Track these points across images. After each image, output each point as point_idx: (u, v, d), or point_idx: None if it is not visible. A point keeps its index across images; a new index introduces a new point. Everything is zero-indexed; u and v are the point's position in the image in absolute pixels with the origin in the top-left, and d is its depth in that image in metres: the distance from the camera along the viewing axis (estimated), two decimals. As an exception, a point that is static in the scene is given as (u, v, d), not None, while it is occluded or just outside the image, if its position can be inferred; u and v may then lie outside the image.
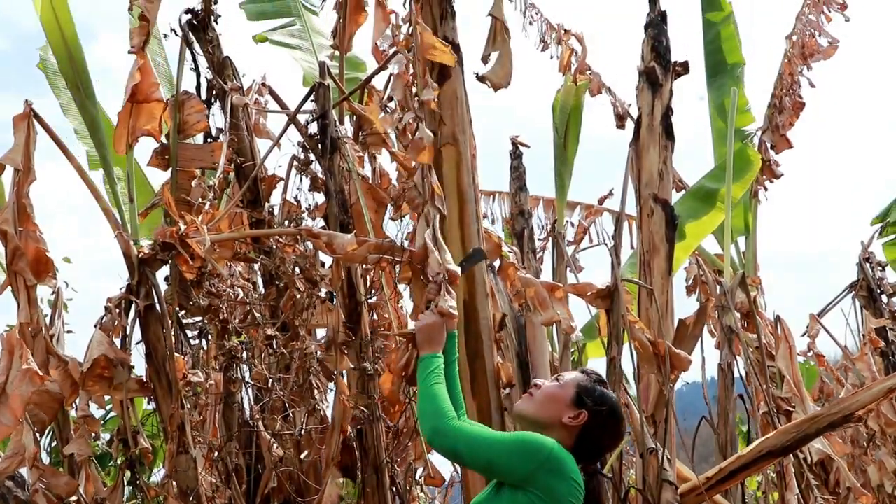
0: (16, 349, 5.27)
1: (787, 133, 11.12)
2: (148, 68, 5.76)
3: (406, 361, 4.56)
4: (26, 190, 5.53)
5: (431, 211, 5.03)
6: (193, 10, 6.40)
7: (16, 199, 5.48)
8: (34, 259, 5.49)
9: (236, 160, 6.28)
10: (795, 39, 11.44)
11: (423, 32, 5.26)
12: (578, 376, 4.05)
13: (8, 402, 5.17)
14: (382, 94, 7.10)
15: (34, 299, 5.56)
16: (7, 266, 5.52)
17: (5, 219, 5.45)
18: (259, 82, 6.81)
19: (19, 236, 5.45)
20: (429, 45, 5.31)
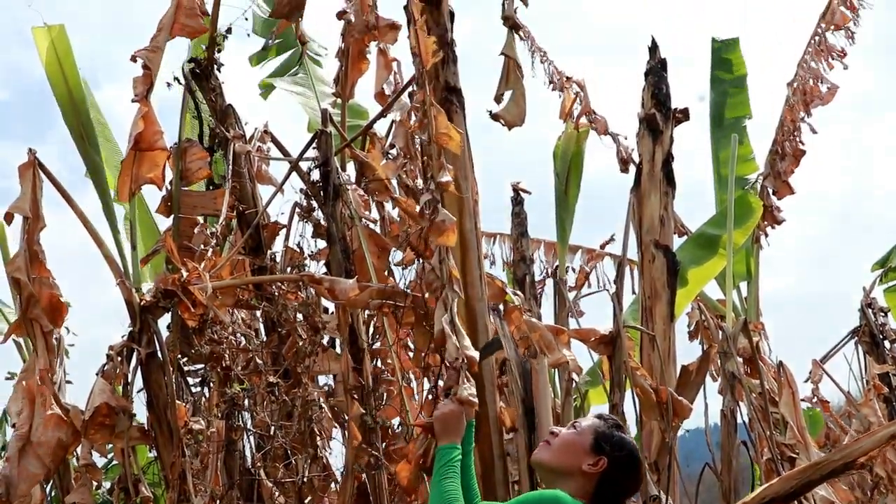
0: (37, 396, 5.29)
1: (788, 179, 11.17)
2: (151, 117, 5.79)
3: (424, 451, 4.47)
4: (37, 237, 5.56)
5: (450, 295, 4.96)
6: (196, 59, 6.44)
7: (27, 247, 5.50)
8: (48, 305, 5.51)
9: (238, 207, 6.30)
10: (797, 86, 11.50)
11: (437, 115, 5.24)
12: (596, 422, 4.01)
13: (33, 450, 5.18)
14: (384, 140, 7.16)
15: (52, 345, 5.57)
16: (22, 313, 5.53)
17: (18, 267, 5.47)
18: (261, 129, 6.84)
19: (33, 283, 5.47)
20: (442, 132, 5.27)
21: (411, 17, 5.14)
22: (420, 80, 5.26)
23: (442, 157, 5.21)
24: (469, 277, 5.63)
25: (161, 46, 5.89)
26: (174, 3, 5.96)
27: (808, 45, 11.64)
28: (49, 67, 6.42)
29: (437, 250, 5.11)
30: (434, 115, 5.19)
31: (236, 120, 6.48)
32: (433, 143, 5.19)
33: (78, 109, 6.46)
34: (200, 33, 6.26)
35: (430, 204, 5.11)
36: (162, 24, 5.92)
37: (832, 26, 11.57)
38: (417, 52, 5.16)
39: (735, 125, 10.94)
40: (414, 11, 5.10)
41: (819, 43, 11.61)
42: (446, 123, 5.24)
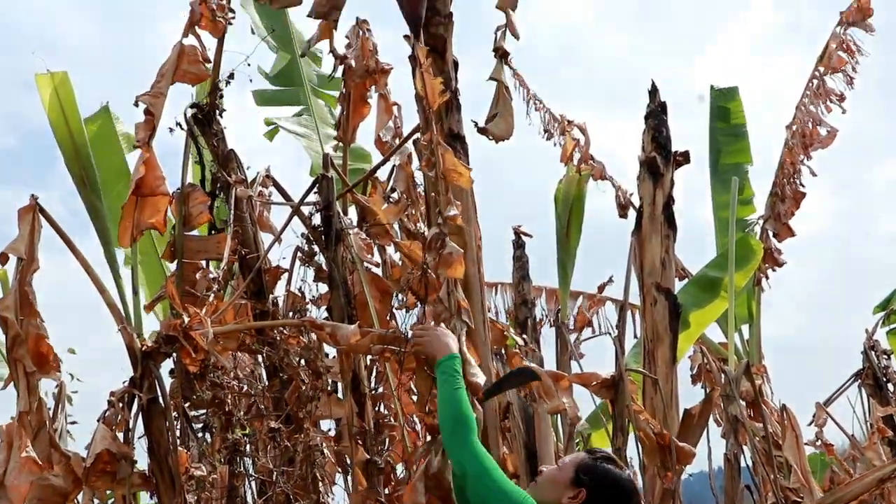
0: (15, 439, 5.24)
1: (788, 222, 11.19)
2: (153, 162, 5.80)
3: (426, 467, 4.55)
4: (29, 278, 5.53)
5: (458, 325, 5.02)
6: (198, 104, 6.46)
7: (18, 287, 5.49)
8: (34, 347, 5.47)
9: (240, 251, 6.30)
10: (796, 129, 11.55)
11: (444, 153, 5.27)
12: (580, 456, 4.15)
13: (6, 495, 5.13)
14: (385, 185, 7.17)
15: (34, 387, 5.52)
16: (7, 354, 5.51)
17: (6, 306, 5.44)
18: (263, 174, 6.85)
19: (20, 324, 5.44)
20: (451, 168, 5.31)
21: (417, 61, 5.16)
22: (427, 120, 5.27)
23: (450, 193, 5.23)
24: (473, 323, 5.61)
25: (163, 92, 5.91)
26: (177, 49, 5.98)
27: (806, 88, 11.69)
28: (52, 114, 6.47)
29: (445, 282, 5.14)
30: (441, 154, 5.21)
31: (238, 165, 6.48)
32: (441, 180, 5.21)
33: (80, 155, 6.51)
34: (203, 79, 6.28)
35: (439, 238, 5.14)
36: (164, 70, 5.94)
37: (830, 70, 11.62)
38: (424, 93, 5.17)
39: (735, 171, 10.98)
40: (419, 55, 5.12)
41: (817, 87, 11.66)
42: (454, 160, 5.26)
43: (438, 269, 5.16)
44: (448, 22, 5.54)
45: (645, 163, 7.22)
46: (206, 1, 6.01)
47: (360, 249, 6.37)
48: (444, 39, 5.50)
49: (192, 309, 5.28)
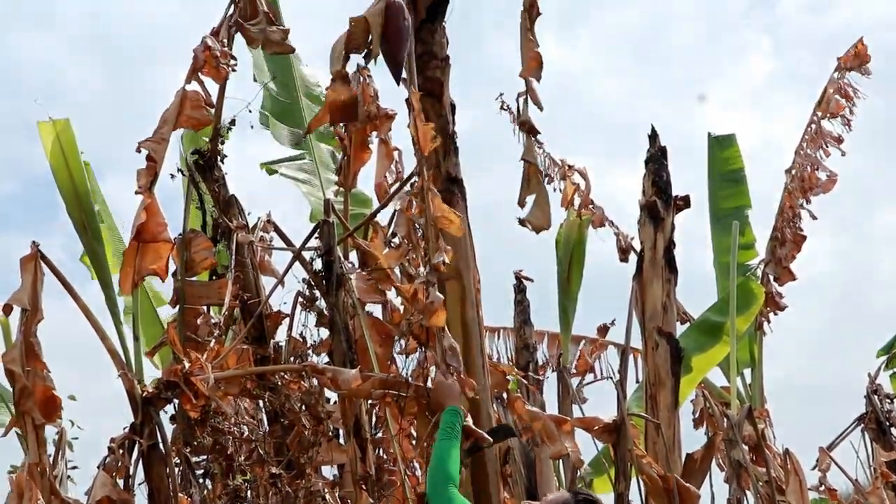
0: (25, 490, 5.23)
1: (789, 265, 11.18)
2: (155, 208, 5.82)
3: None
4: (34, 329, 5.54)
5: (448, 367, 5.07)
6: (200, 151, 6.49)
7: (23, 339, 5.49)
8: (42, 399, 5.47)
9: (242, 296, 6.30)
10: (795, 174, 11.56)
11: (434, 199, 5.28)
12: (562, 495, 4.20)
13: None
14: (386, 230, 7.17)
15: (42, 439, 5.52)
16: (15, 406, 5.49)
17: (13, 358, 5.44)
18: (264, 219, 6.86)
19: (27, 376, 5.44)
20: (440, 215, 5.33)
21: (411, 107, 5.19)
22: (419, 166, 5.29)
23: (440, 240, 5.24)
24: (472, 366, 5.60)
25: (166, 138, 5.93)
26: (179, 95, 6.01)
27: (804, 133, 11.73)
28: (54, 161, 6.47)
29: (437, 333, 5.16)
30: (431, 199, 5.22)
31: (239, 210, 6.50)
32: (431, 227, 5.22)
33: (82, 202, 6.50)
34: (205, 125, 6.32)
35: (426, 286, 5.15)
36: (167, 115, 5.97)
37: (828, 114, 11.66)
38: (416, 140, 5.20)
39: (736, 215, 11.00)
40: (413, 101, 5.15)
41: (816, 131, 11.70)
42: (444, 207, 5.28)
43: (422, 319, 5.17)
44: (445, 65, 5.54)
45: (645, 207, 7.23)
46: (208, 48, 6.06)
47: (361, 294, 6.37)
48: (441, 83, 5.52)
49: (194, 354, 5.28)
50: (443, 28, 5.50)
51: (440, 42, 5.49)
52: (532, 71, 5.38)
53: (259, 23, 6.33)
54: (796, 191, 11.51)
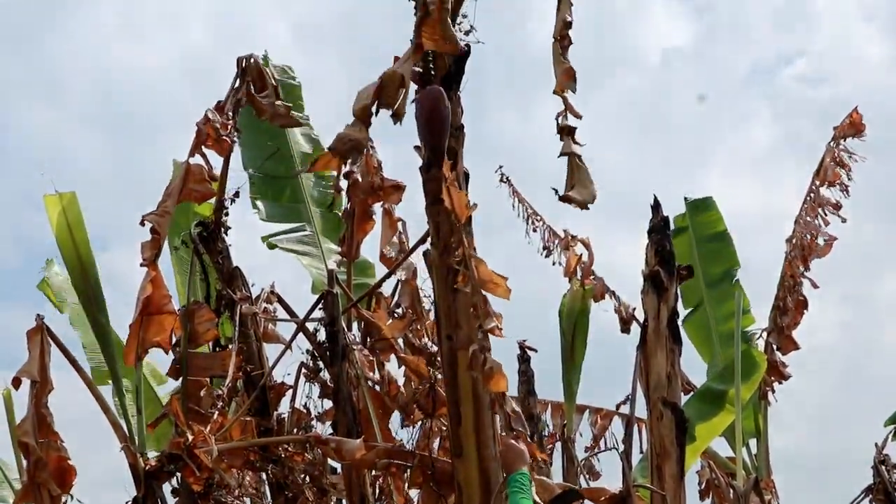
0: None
1: (791, 334, 11.13)
2: (159, 280, 5.82)
3: None
4: (44, 400, 5.53)
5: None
6: (204, 222, 6.49)
7: (35, 411, 5.47)
8: (57, 469, 5.45)
9: (245, 368, 6.26)
10: (795, 242, 11.56)
11: (479, 265, 5.15)
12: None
13: None
14: (390, 300, 7.15)
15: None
16: (30, 478, 5.44)
17: (25, 431, 5.42)
18: (268, 290, 6.85)
19: (41, 447, 5.41)
20: (487, 280, 5.21)
21: (442, 177, 5.06)
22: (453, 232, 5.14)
23: (488, 305, 5.12)
24: (482, 436, 5.50)
25: (170, 211, 5.95)
26: (183, 168, 6.03)
27: (804, 201, 11.74)
28: (59, 234, 6.48)
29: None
30: (476, 266, 5.10)
31: (243, 282, 6.49)
32: (478, 294, 5.08)
33: (87, 275, 6.50)
34: (209, 198, 6.33)
35: (481, 353, 5.04)
36: (171, 188, 5.99)
37: (826, 182, 11.70)
38: (451, 207, 5.06)
39: (726, 278, 10.96)
40: (445, 171, 5.04)
41: (814, 199, 11.72)
42: (489, 272, 5.14)
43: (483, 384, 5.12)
44: (459, 134, 5.41)
45: (649, 277, 7.19)
46: (210, 121, 6.09)
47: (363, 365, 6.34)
48: (456, 152, 5.39)
49: (197, 427, 5.23)
50: (458, 97, 5.44)
51: (455, 111, 5.41)
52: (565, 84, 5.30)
53: (268, 96, 6.39)
54: (796, 259, 11.49)
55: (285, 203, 8.60)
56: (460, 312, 5.22)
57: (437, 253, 5.17)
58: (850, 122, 11.72)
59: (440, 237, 5.13)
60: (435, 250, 5.16)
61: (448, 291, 5.17)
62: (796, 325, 11.12)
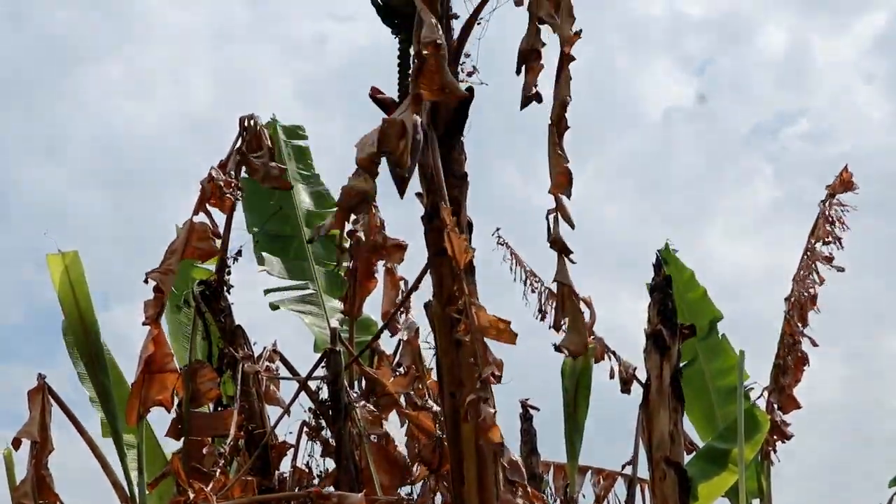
0: None
1: (793, 393, 11.06)
2: (161, 339, 5.79)
3: None
4: (44, 461, 5.48)
5: None
6: (207, 281, 6.47)
7: (34, 472, 5.42)
8: (56, 532, 5.39)
9: (247, 427, 6.21)
10: (794, 301, 11.54)
11: (479, 312, 5.04)
12: None
13: None
14: (392, 357, 7.13)
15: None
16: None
17: (25, 493, 5.38)
18: (270, 349, 6.82)
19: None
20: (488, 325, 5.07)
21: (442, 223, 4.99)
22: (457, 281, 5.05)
23: (489, 353, 4.97)
24: (486, 494, 5.43)
25: (173, 269, 5.93)
26: (187, 226, 6.02)
27: (801, 260, 11.75)
28: (62, 292, 6.47)
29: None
30: (476, 313, 4.98)
31: (245, 340, 6.47)
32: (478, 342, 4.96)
33: (88, 334, 6.49)
34: (212, 256, 6.32)
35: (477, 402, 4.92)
36: (174, 246, 5.98)
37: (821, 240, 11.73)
38: (452, 253, 4.98)
39: (713, 331, 10.90)
40: (445, 216, 4.99)
41: (810, 256, 11.74)
42: (490, 317, 5.02)
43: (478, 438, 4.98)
44: (462, 183, 5.33)
45: (651, 336, 7.17)
46: (214, 179, 6.09)
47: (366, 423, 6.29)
48: (459, 202, 5.31)
49: (198, 485, 5.17)
50: (461, 144, 5.38)
51: (458, 159, 5.34)
52: (561, 187, 5.05)
53: (262, 156, 6.39)
54: (795, 317, 11.47)
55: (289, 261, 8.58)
56: (463, 369, 5.14)
57: (439, 306, 5.07)
58: (840, 181, 11.80)
59: (443, 289, 5.05)
60: (437, 303, 5.08)
61: (451, 346, 5.08)
62: (797, 383, 11.04)
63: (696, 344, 10.74)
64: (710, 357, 10.69)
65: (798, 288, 11.57)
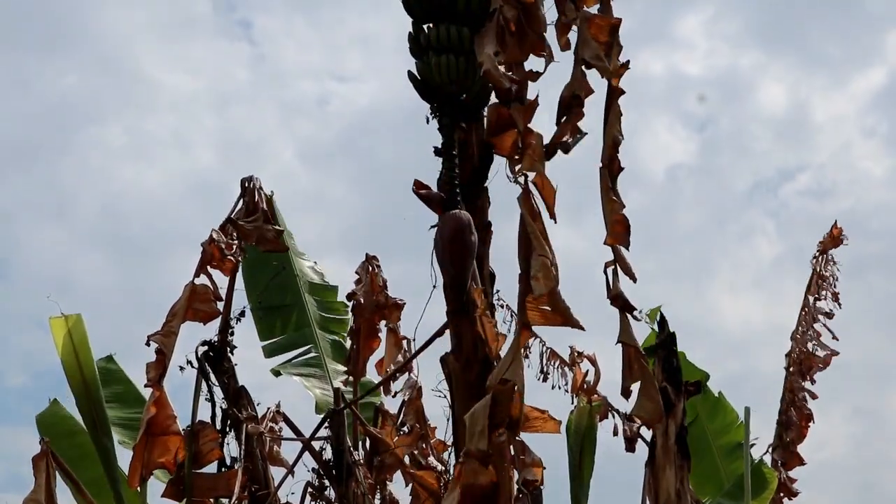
0: None
1: (797, 449, 10.96)
2: (164, 401, 5.73)
3: None
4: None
5: None
6: (210, 342, 6.39)
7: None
8: None
9: (251, 488, 6.11)
10: (794, 357, 11.48)
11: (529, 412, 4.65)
12: None
13: None
14: (395, 417, 7.06)
15: None
16: None
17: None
18: (273, 410, 6.74)
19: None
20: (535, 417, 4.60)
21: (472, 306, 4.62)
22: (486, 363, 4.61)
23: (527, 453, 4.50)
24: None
25: (175, 331, 5.87)
26: (188, 288, 5.95)
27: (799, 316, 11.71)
28: (65, 356, 6.44)
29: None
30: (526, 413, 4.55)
31: (248, 401, 6.38)
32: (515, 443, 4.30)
33: (91, 397, 6.45)
34: (214, 317, 6.23)
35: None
36: (175, 308, 5.91)
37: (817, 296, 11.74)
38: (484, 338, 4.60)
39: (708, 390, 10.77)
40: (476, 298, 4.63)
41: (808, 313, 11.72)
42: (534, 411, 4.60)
43: None
44: (486, 234, 5.05)
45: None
46: (215, 241, 6.04)
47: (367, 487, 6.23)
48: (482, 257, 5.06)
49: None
50: (485, 191, 5.08)
51: (482, 207, 5.03)
52: (619, 237, 4.35)
53: (256, 220, 6.28)
54: (796, 374, 11.41)
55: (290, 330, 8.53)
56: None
57: (457, 363, 4.73)
58: (830, 237, 11.87)
59: (462, 349, 4.72)
60: (455, 359, 4.74)
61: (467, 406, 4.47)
62: (802, 440, 10.96)
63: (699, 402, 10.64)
64: (712, 415, 10.59)
65: (797, 345, 11.53)
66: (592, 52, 4.16)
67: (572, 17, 4.24)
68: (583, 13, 4.24)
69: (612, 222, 4.38)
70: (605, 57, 4.22)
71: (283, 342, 8.68)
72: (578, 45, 4.29)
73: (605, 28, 4.20)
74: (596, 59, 4.15)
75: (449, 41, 4.72)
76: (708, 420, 10.61)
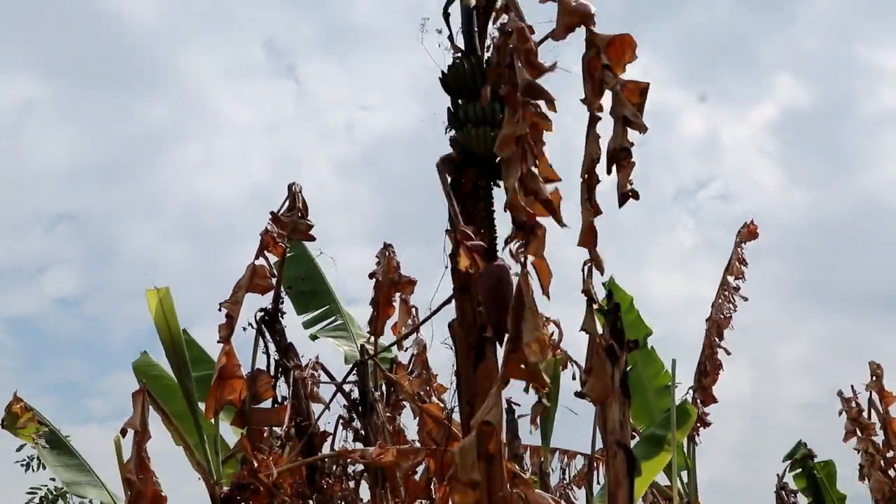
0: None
1: (711, 391, 11.07)
2: (232, 354, 5.79)
3: None
4: (144, 446, 5.46)
5: None
6: (266, 309, 6.46)
7: (136, 454, 5.40)
8: (153, 499, 5.35)
9: (296, 420, 6.19)
10: (712, 320, 11.58)
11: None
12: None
13: None
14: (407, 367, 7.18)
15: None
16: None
17: (129, 470, 5.36)
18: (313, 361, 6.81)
19: (140, 482, 5.33)
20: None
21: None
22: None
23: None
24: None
25: (240, 300, 5.93)
26: (250, 267, 6.03)
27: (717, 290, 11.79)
28: (157, 319, 6.50)
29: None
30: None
31: (294, 354, 6.44)
32: None
33: (177, 350, 6.50)
34: (269, 290, 6.29)
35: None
36: (241, 283, 5.98)
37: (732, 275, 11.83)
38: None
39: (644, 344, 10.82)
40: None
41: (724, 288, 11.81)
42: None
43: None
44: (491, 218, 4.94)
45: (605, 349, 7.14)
46: (269, 231, 6.11)
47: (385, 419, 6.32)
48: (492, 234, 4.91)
49: (260, 456, 5.16)
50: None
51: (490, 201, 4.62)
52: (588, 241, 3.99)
53: (293, 215, 6.30)
54: (713, 333, 11.51)
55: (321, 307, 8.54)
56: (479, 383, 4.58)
57: (461, 331, 4.60)
58: (748, 230, 11.91)
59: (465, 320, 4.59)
60: (460, 328, 4.60)
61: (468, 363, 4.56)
62: (714, 384, 11.08)
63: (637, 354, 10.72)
64: (645, 364, 10.68)
65: (715, 311, 11.62)
66: (630, 112, 3.79)
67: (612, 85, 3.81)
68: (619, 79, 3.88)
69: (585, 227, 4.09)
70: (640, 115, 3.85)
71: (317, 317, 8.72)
72: (615, 105, 3.93)
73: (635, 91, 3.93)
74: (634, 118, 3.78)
75: (484, 116, 4.45)
76: (643, 368, 10.69)
